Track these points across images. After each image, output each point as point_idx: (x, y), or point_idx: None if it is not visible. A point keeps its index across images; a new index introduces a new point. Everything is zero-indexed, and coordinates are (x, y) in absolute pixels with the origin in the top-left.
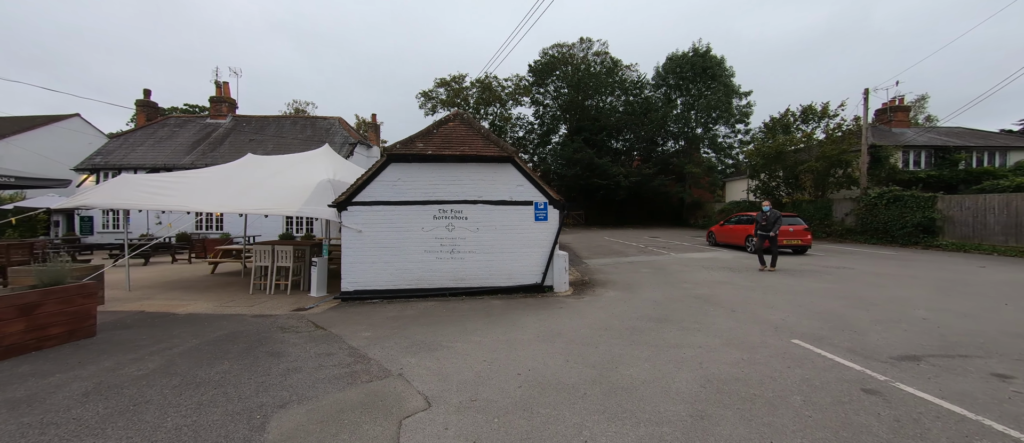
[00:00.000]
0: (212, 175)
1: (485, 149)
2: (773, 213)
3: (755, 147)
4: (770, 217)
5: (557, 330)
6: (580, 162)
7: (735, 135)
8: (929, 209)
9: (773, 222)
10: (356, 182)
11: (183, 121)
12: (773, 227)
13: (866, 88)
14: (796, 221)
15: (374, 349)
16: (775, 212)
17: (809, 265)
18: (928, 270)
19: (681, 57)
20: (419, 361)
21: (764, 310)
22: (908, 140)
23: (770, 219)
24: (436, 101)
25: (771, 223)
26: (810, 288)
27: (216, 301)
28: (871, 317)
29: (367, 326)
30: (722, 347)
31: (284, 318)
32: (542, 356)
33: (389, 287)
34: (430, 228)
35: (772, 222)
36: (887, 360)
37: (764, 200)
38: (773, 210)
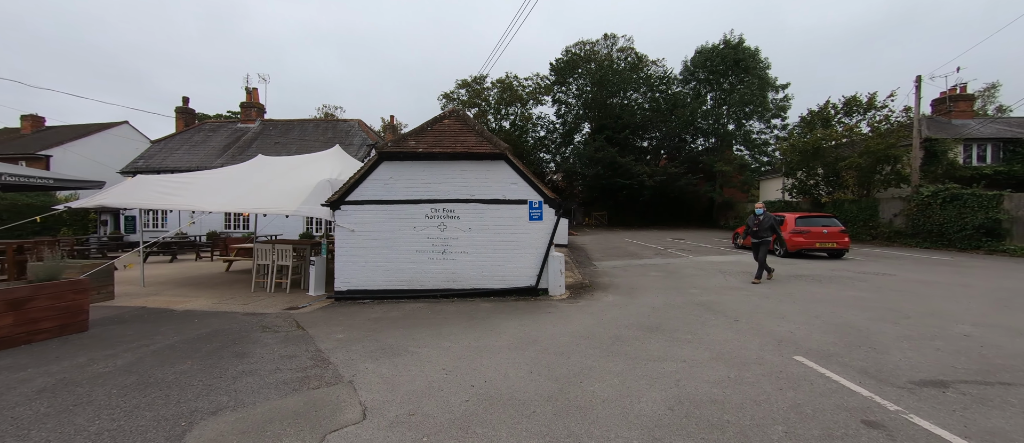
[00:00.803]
0: (222, 176)
1: (477, 146)
2: (767, 217)
3: (790, 143)
4: (763, 222)
5: (535, 337)
6: (602, 161)
7: (771, 131)
8: (994, 209)
9: (767, 228)
10: (349, 181)
11: (216, 126)
12: (766, 234)
13: (918, 75)
14: (831, 222)
15: (339, 353)
16: (769, 216)
17: (842, 271)
18: (987, 278)
19: (711, 50)
20: (377, 367)
21: (772, 321)
22: (971, 132)
23: (763, 224)
24: (457, 102)
25: (764, 229)
26: (835, 297)
27: (217, 298)
28: (899, 332)
29: (345, 327)
30: (709, 362)
31: (272, 317)
32: (507, 366)
33: (381, 287)
34: (422, 227)
35: (765, 228)
36: (905, 385)
37: (757, 203)
38: (767, 213)
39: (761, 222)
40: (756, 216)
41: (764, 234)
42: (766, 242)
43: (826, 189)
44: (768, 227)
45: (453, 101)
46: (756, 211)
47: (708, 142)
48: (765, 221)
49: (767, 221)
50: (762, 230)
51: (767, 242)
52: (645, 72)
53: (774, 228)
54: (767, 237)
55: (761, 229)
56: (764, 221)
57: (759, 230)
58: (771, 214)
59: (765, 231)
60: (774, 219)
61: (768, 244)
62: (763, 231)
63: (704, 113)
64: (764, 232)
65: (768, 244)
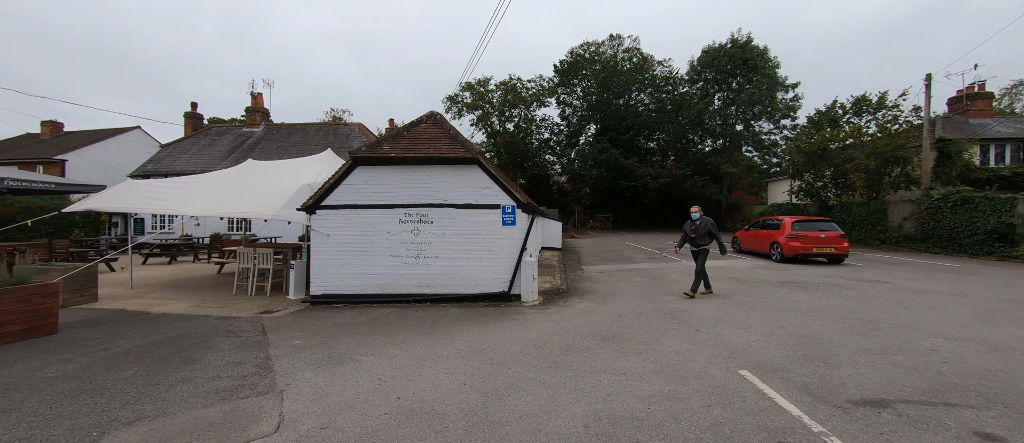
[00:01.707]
0: (210, 180)
1: (450, 151)
2: (703, 222)
3: (796, 144)
4: (700, 227)
5: (486, 346)
6: (605, 163)
7: (780, 131)
8: (1007, 213)
9: (704, 234)
10: (324, 185)
11: (222, 130)
12: (704, 241)
13: (928, 73)
14: (830, 227)
15: (286, 360)
16: (707, 221)
17: (835, 277)
18: (987, 287)
19: (718, 49)
20: (315, 376)
21: (734, 331)
22: (990, 132)
23: (700, 230)
24: (461, 105)
25: (701, 235)
26: (812, 306)
27: (197, 301)
28: (863, 345)
29: (306, 333)
30: (650, 375)
31: (242, 321)
32: (444, 377)
33: (356, 292)
34: (396, 232)
35: (702, 234)
36: (841, 404)
37: (694, 207)
38: (704, 218)
39: (698, 228)
40: (692, 221)
41: (702, 241)
42: (704, 250)
43: (834, 191)
44: (705, 233)
45: (457, 103)
46: (692, 216)
47: (716, 143)
48: (702, 226)
49: (704, 226)
50: (699, 237)
51: (705, 250)
52: (651, 73)
53: (713, 234)
54: (705, 244)
55: (698, 235)
56: (701, 226)
57: (696, 237)
58: (708, 219)
59: (703, 238)
60: (711, 224)
61: (707, 253)
62: (701, 238)
63: (711, 114)
64: (702, 239)
65: (707, 253)
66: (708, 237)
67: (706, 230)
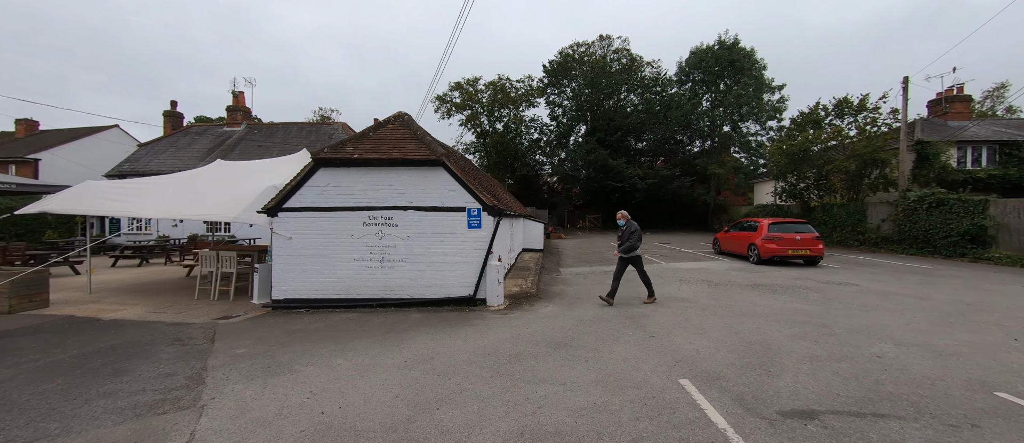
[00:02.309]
0: (174, 181)
1: (414, 152)
2: (630, 226)
3: (778, 145)
4: (625, 232)
5: (434, 354)
6: (593, 164)
7: (766, 132)
8: (979, 215)
9: (627, 238)
10: (286, 187)
11: (203, 129)
12: (632, 246)
13: (905, 76)
14: (806, 229)
15: (223, 371)
16: (632, 225)
17: (806, 280)
18: (952, 290)
19: (706, 51)
20: (246, 389)
21: (688, 337)
22: (967, 135)
23: (622, 237)
24: (450, 104)
25: (626, 239)
26: (774, 310)
27: (155, 306)
28: (811, 351)
29: (255, 341)
30: (589, 385)
31: (194, 328)
32: (379, 388)
33: (319, 296)
34: (360, 235)
35: (626, 238)
36: (771, 416)
37: (620, 212)
38: (631, 223)
39: (622, 234)
40: (619, 227)
41: (631, 248)
42: (634, 257)
43: (816, 193)
44: (628, 237)
45: (446, 103)
46: (618, 221)
47: (704, 144)
48: (626, 233)
49: (629, 231)
50: (629, 243)
51: (636, 257)
52: (640, 73)
53: (631, 242)
54: (633, 251)
55: (621, 243)
56: (625, 232)
57: (619, 244)
58: (634, 223)
59: (633, 242)
60: (635, 229)
61: (639, 260)
62: (631, 245)
63: (699, 115)
64: (631, 246)
65: (639, 260)
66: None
67: (628, 235)
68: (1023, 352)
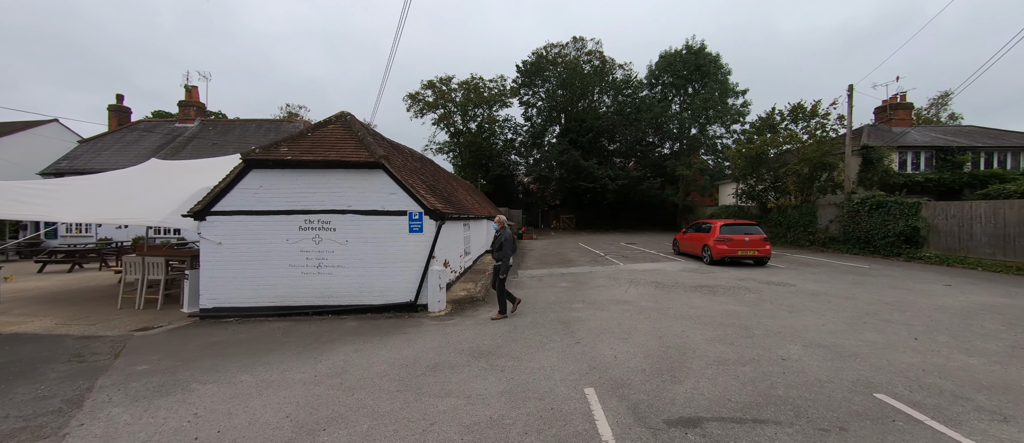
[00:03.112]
0: (98, 182)
1: (353, 154)
2: (502, 235)
3: (737, 149)
4: (497, 240)
5: (350, 366)
6: (566, 164)
7: (731, 135)
8: (913, 217)
9: (499, 247)
10: (214, 190)
11: (152, 125)
12: (508, 255)
13: (850, 84)
14: (754, 230)
15: (108, 392)
16: (505, 232)
17: (748, 281)
18: (877, 289)
19: (674, 55)
20: (124, 412)
21: (612, 342)
22: (908, 140)
23: (496, 243)
24: (423, 103)
25: (501, 249)
26: (707, 312)
27: (69, 316)
28: (723, 355)
29: (163, 356)
30: (493, 398)
31: (103, 341)
32: (270, 408)
33: (251, 304)
34: (295, 240)
35: (499, 247)
36: (657, 425)
37: (496, 216)
38: (504, 230)
39: (497, 240)
40: (495, 233)
41: (504, 256)
42: (507, 266)
43: (773, 195)
44: (500, 247)
45: (418, 102)
46: (493, 226)
47: (673, 146)
48: (498, 239)
49: (500, 239)
50: (502, 251)
51: (508, 266)
52: (612, 76)
53: (503, 250)
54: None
55: (493, 250)
56: (498, 239)
57: (492, 251)
58: (508, 231)
59: (506, 252)
60: (507, 237)
61: (505, 270)
62: (504, 253)
63: (668, 117)
64: (507, 253)
65: (505, 270)
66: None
67: (500, 244)
68: (918, 352)
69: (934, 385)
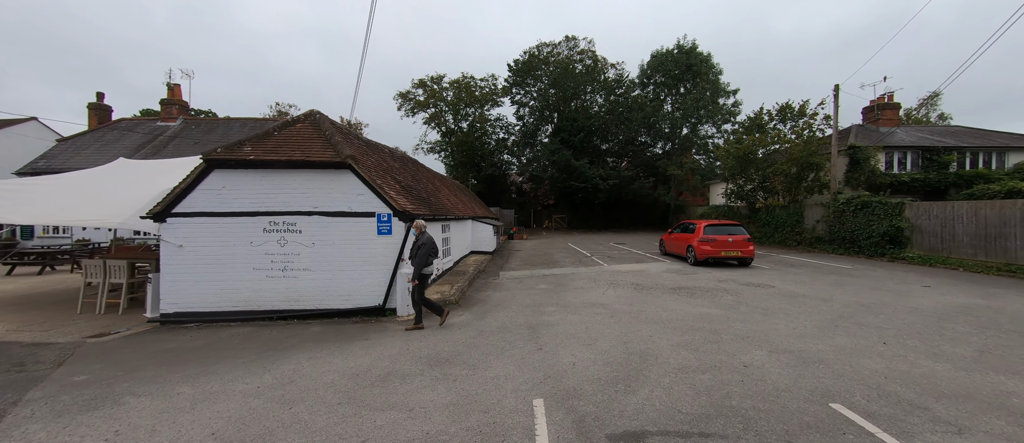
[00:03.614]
0: (62, 182)
1: (319, 154)
2: (420, 240)
3: (725, 149)
4: (414, 246)
5: (299, 376)
6: (557, 163)
7: (722, 135)
8: (897, 217)
9: (415, 254)
10: (174, 190)
11: (133, 124)
12: (421, 262)
13: (836, 84)
14: (738, 231)
15: (33, 407)
16: (424, 237)
17: (728, 282)
18: (856, 291)
19: (666, 54)
20: (41, 429)
21: (575, 349)
22: (895, 140)
23: (413, 250)
24: (413, 102)
25: (417, 255)
26: (679, 316)
27: (22, 322)
28: (684, 362)
29: (107, 365)
30: (436, 411)
31: (51, 349)
32: (197, 425)
33: (213, 309)
34: (260, 242)
35: (414, 254)
36: (601, 439)
37: (417, 221)
38: (423, 235)
39: (412, 245)
40: (414, 240)
41: (421, 264)
42: (417, 273)
43: (762, 195)
44: (416, 253)
45: (409, 101)
46: (411, 232)
47: (665, 146)
48: (418, 245)
49: (416, 244)
50: (420, 259)
51: (429, 274)
52: (604, 75)
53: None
54: (424, 266)
55: (410, 256)
56: (414, 245)
57: (416, 259)
58: (427, 235)
59: (420, 259)
60: (424, 241)
61: (429, 276)
62: (421, 260)
63: (660, 117)
64: (421, 261)
65: (429, 276)
66: (425, 257)
67: (416, 250)
68: (884, 357)
69: (893, 394)
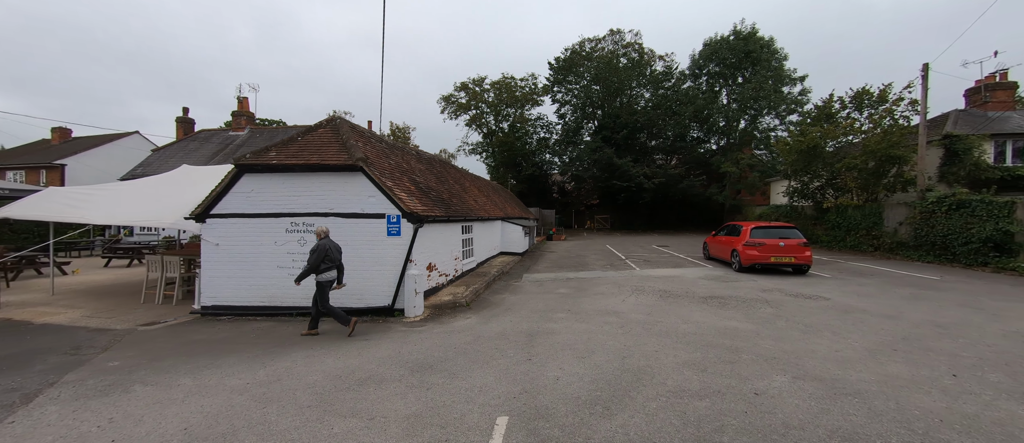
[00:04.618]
0: (135, 186)
1: (334, 157)
2: (322, 247)
3: (785, 143)
4: (316, 253)
5: (286, 376)
6: (599, 162)
7: (786, 127)
8: (1005, 219)
9: (319, 262)
10: (211, 193)
11: (210, 134)
12: (325, 267)
13: (925, 63)
14: (791, 234)
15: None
16: (326, 244)
17: (775, 291)
18: (937, 308)
19: (720, 42)
20: (56, 411)
21: (564, 362)
22: (1011, 127)
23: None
24: (456, 105)
25: (315, 261)
26: (700, 328)
27: (95, 310)
28: (683, 385)
29: (142, 352)
30: (395, 423)
31: (108, 335)
32: (177, 418)
33: (245, 303)
34: (283, 242)
35: (316, 260)
36: None
37: (318, 227)
38: (326, 241)
39: (315, 253)
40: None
41: (323, 267)
42: (327, 281)
43: (833, 193)
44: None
45: (451, 103)
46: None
47: (720, 141)
48: (318, 252)
49: (319, 252)
50: (314, 264)
51: (328, 281)
52: (651, 68)
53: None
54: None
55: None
56: (317, 252)
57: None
58: (327, 242)
59: (308, 264)
60: (316, 247)
61: (329, 284)
62: (307, 264)
63: (715, 110)
64: (322, 264)
65: (329, 284)
66: (327, 262)
67: (314, 254)
68: (948, 393)
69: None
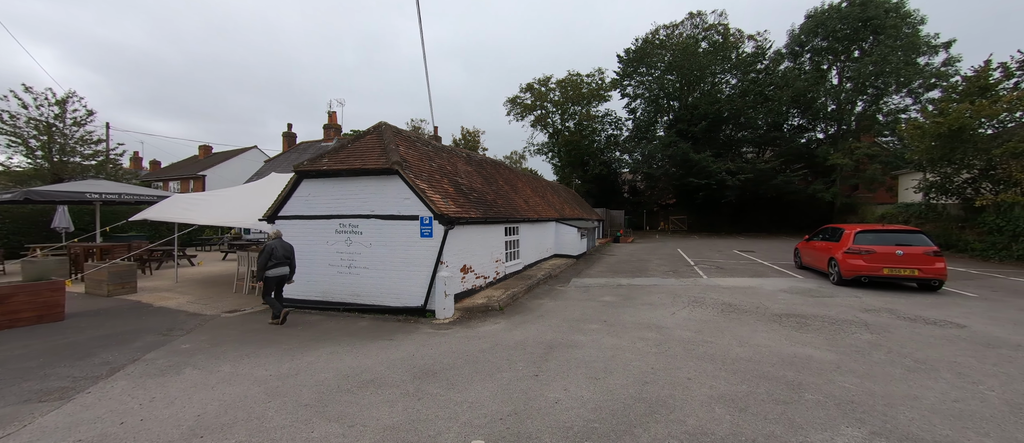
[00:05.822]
0: (232, 192)
1: (374, 161)
2: (269, 247)
3: (914, 125)
4: (263, 253)
5: (302, 371)
6: (673, 158)
7: (925, 106)
8: None
9: (266, 261)
10: (278, 197)
11: (307, 146)
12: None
13: None
14: (916, 241)
15: (138, 366)
16: (276, 244)
17: (883, 312)
18: None
19: (829, 11)
20: (128, 386)
21: (573, 381)
22: None
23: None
24: (521, 106)
25: (262, 261)
26: (761, 354)
27: (198, 297)
28: (707, 426)
29: (210, 337)
30: (370, 435)
31: (198, 319)
32: (195, 405)
33: (302, 298)
34: (333, 242)
35: (265, 260)
36: None
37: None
38: (276, 241)
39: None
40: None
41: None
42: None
43: (991, 186)
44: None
45: (517, 106)
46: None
47: (829, 129)
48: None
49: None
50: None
51: (275, 277)
52: (737, 51)
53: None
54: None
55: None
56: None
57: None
58: (279, 244)
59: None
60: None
61: (282, 279)
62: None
63: (821, 92)
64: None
65: (282, 279)
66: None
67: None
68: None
69: None
